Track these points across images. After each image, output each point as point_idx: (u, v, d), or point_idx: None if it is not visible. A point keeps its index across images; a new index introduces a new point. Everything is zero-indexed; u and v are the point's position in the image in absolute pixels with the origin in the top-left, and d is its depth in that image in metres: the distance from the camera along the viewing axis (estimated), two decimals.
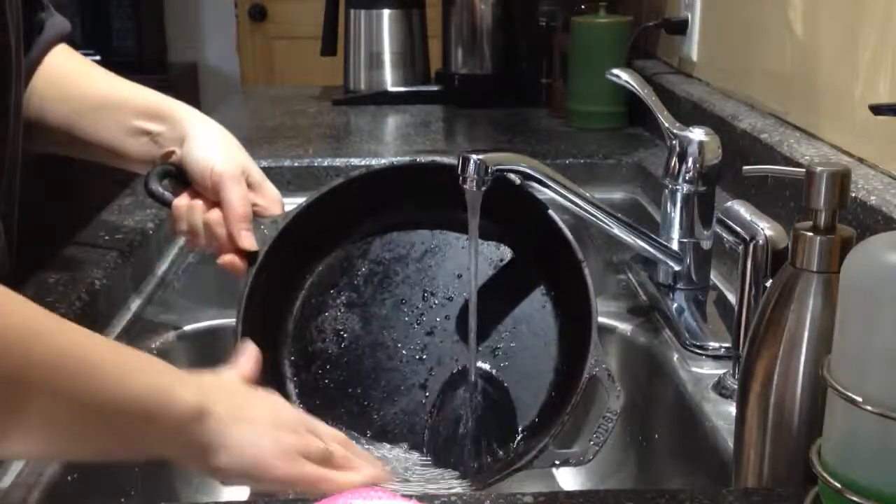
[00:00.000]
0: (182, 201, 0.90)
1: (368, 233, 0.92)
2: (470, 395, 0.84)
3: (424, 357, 0.88)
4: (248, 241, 0.86)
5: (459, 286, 0.90)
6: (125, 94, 0.96)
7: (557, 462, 0.76)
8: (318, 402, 0.86)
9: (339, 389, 0.87)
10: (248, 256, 0.86)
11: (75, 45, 1.02)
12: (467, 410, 0.84)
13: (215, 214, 0.88)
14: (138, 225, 1.15)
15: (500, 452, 0.82)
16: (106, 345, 0.65)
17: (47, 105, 0.93)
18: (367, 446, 0.83)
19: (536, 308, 0.88)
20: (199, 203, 0.89)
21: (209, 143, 0.91)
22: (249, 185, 0.90)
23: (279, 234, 0.86)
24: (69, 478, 0.77)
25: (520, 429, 0.83)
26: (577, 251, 0.84)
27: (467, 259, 0.90)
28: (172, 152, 0.92)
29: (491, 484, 0.76)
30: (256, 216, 0.89)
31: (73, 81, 0.96)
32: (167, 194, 0.90)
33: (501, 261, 0.90)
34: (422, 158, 0.96)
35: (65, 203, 1.89)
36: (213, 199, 0.89)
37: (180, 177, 0.91)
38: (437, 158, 0.94)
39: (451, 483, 0.79)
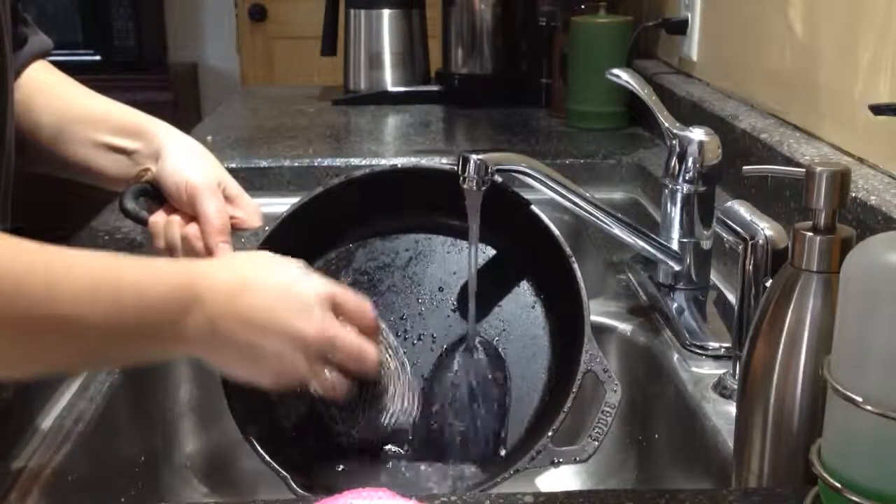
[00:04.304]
0: (159, 217, 0.89)
1: (351, 243, 0.91)
2: (466, 398, 0.84)
3: (415, 363, 0.87)
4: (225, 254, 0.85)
5: (447, 292, 0.89)
6: (101, 110, 0.96)
7: (556, 460, 0.76)
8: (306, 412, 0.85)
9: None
10: None
11: (75, 45, 1.02)
12: (463, 413, 0.84)
13: (193, 229, 0.87)
14: (138, 226, 1.15)
15: (499, 454, 0.81)
16: (105, 274, 0.67)
17: (26, 118, 0.93)
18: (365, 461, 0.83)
19: (527, 307, 0.88)
20: (176, 218, 0.89)
21: (184, 158, 0.91)
22: (227, 198, 0.89)
23: (259, 247, 0.85)
24: (69, 478, 0.77)
25: (518, 429, 0.83)
26: (564, 247, 0.83)
27: (454, 264, 0.90)
28: (148, 169, 0.91)
29: (491, 486, 0.76)
30: (235, 229, 0.88)
31: (52, 96, 0.96)
32: (143, 212, 0.89)
33: (489, 263, 0.90)
34: (402, 164, 0.96)
35: (64, 204, 1.89)
36: (190, 213, 0.88)
37: (156, 194, 0.91)
38: (420, 162, 0.94)
39: (449, 486, 0.79)
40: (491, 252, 0.90)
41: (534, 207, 0.85)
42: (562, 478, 1.02)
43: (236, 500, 1.01)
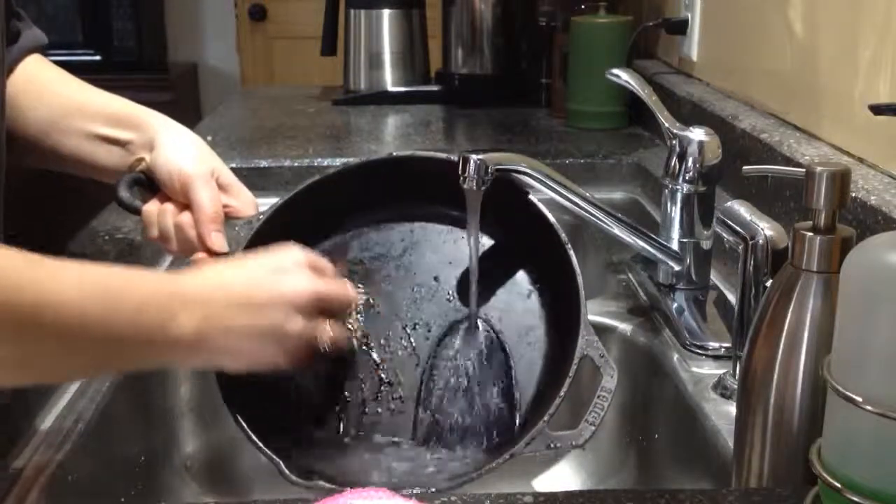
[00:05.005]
0: (152, 206, 0.89)
1: (345, 232, 0.91)
2: (469, 379, 0.84)
3: (411, 352, 0.87)
4: (217, 242, 0.85)
5: (442, 282, 0.89)
6: (96, 102, 0.95)
7: (553, 444, 0.75)
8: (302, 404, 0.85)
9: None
10: (221, 257, 0.85)
11: (75, 45, 1.02)
12: (464, 396, 0.84)
13: (186, 217, 0.87)
14: (138, 224, 1.15)
15: (496, 440, 0.81)
16: (93, 281, 0.67)
17: (18, 112, 0.93)
18: (356, 441, 0.83)
19: (523, 296, 0.88)
20: (169, 207, 0.88)
21: (178, 147, 0.90)
22: (221, 187, 0.89)
23: (253, 235, 0.85)
24: (69, 478, 0.77)
25: (515, 415, 0.83)
26: (560, 234, 0.83)
27: (450, 253, 0.90)
28: (142, 159, 0.91)
29: (488, 471, 0.75)
30: (229, 217, 0.88)
31: (45, 89, 0.95)
32: (136, 202, 0.89)
33: (486, 252, 0.89)
34: (397, 153, 0.95)
35: (64, 203, 1.89)
36: (184, 201, 0.88)
37: (150, 185, 0.90)
38: (414, 152, 0.94)
39: (447, 471, 0.78)
40: (487, 241, 0.90)
41: (532, 197, 0.85)
42: (562, 478, 1.02)
43: (236, 500, 1.01)
